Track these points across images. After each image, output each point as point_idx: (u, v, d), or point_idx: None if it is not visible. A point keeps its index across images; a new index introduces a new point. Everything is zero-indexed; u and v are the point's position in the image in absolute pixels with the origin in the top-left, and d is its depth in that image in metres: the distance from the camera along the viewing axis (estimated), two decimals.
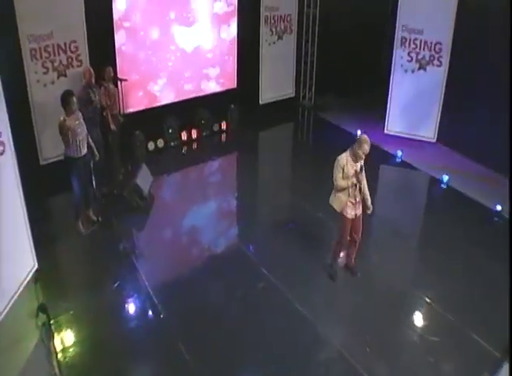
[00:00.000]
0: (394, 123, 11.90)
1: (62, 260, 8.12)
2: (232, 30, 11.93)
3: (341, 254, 7.67)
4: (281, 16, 12.79)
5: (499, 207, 9.25)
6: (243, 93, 12.56)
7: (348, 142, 7.08)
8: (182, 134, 11.75)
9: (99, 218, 8.81)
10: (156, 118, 11.17)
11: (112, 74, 9.55)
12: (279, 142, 12.77)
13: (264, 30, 12.59)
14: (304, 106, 14.16)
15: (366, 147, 6.74)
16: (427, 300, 7.21)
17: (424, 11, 10.82)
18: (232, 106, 12.48)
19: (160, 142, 11.41)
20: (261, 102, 13.23)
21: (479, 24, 10.28)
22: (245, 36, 12.14)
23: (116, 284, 7.36)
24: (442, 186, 10.31)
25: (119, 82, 9.72)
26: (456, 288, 7.38)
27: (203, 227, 9.03)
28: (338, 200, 7.04)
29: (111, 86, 9.54)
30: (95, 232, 8.56)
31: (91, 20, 9.46)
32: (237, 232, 9.10)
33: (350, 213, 7.08)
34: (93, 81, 9.07)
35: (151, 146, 11.25)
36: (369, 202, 7.20)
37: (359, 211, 7.18)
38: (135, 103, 10.79)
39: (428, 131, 11.68)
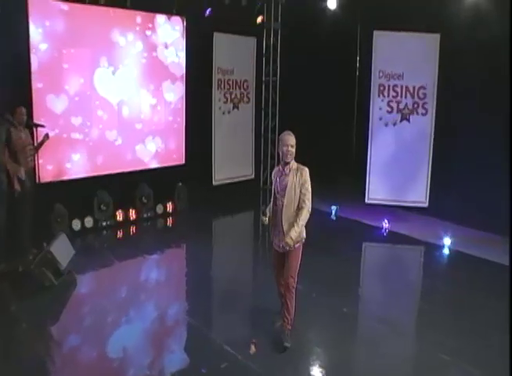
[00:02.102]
0: (377, 190, 10.46)
1: None
2: (178, 92, 10.59)
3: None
4: (236, 82, 11.75)
5: None
6: (192, 170, 11.00)
7: (323, 224, 5.68)
8: (118, 213, 9.86)
9: None
10: (86, 190, 9.40)
11: (25, 117, 7.74)
12: (237, 233, 10.71)
13: (217, 96, 11.38)
14: (267, 191, 12.53)
15: (290, 139, 5.46)
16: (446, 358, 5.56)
17: (403, 53, 9.93)
18: (180, 184, 10.83)
19: (89, 221, 9.45)
20: (214, 182, 11.71)
21: (467, 63, 9.37)
22: (194, 101, 10.82)
23: None
24: (444, 250, 8.98)
25: (34, 130, 7.99)
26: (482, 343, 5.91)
27: (137, 326, 6.47)
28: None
29: (23, 133, 7.69)
30: None
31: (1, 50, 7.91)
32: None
33: (274, 242, 5.73)
34: None
35: (76, 224, 9.27)
36: (292, 233, 5.39)
37: (283, 244, 5.55)
38: (57, 167, 8.97)
39: (418, 195, 10.31)
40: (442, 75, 9.78)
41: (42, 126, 8.11)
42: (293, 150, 5.39)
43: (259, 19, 11.40)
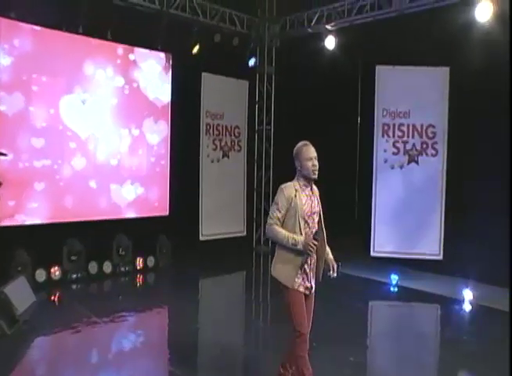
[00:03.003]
0: (383, 241, 9.61)
1: None
2: (161, 132, 9.91)
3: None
4: (227, 128, 11.16)
5: None
6: (177, 222, 10.14)
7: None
8: (91, 265, 8.92)
9: None
10: (54, 236, 8.47)
11: None
12: (226, 295, 9.40)
13: (205, 141, 10.73)
14: (261, 252, 11.61)
15: (313, 150, 4.55)
16: None
17: (409, 89, 9.39)
18: (163, 237, 9.99)
19: (56, 272, 8.50)
20: (201, 237, 10.85)
21: (480, 98, 8.70)
22: (180, 145, 10.13)
23: None
24: (460, 305, 8.19)
25: None
26: None
27: None
28: (284, 267, 4.39)
29: None
30: None
31: None
32: None
33: (301, 283, 4.38)
34: None
35: (41, 275, 8.31)
36: (330, 255, 4.61)
37: (313, 284, 4.48)
38: (20, 208, 8.13)
39: (431, 247, 9.40)
40: (453, 112, 9.17)
41: (4, 155, 7.36)
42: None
43: (195, 50, 10.19)
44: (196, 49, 9.90)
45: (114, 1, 8.79)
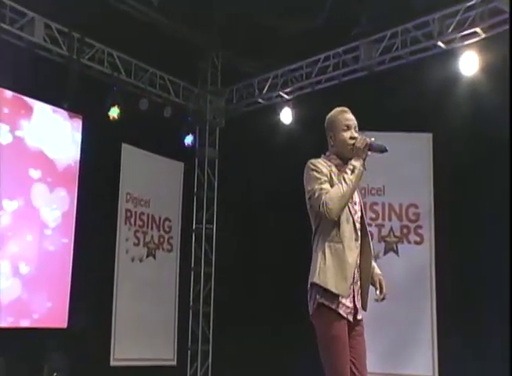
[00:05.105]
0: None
1: None
2: (60, 206, 7.98)
3: None
4: (154, 219, 9.33)
5: None
6: (79, 339, 7.96)
7: None
8: None
9: None
10: None
11: None
12: None
13: (123, 233, 8.87)
14: None
15: (351, 117, 3.61)
16: None
17: (382, 160, 7.58)
18: (58, 356, 7.73)
19: None
20: (112, 362, 8.61)
21: (473, 170, 7.44)
22: (88, 232, 8.14)
23: None
24: None
25: None
26: None
27: None
28: (336, 268, 3.30)
29: None
30: None
31: None
32: None
33: (343, 307, 3.30)
34: None
35: None
36: (377, 270, 3.64)
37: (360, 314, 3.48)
38: None
39: (421, 365, 7.58)
40: (440, 188, 7.74)
41: None
42: None
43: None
44: (115, 112, 8.25)
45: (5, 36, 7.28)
